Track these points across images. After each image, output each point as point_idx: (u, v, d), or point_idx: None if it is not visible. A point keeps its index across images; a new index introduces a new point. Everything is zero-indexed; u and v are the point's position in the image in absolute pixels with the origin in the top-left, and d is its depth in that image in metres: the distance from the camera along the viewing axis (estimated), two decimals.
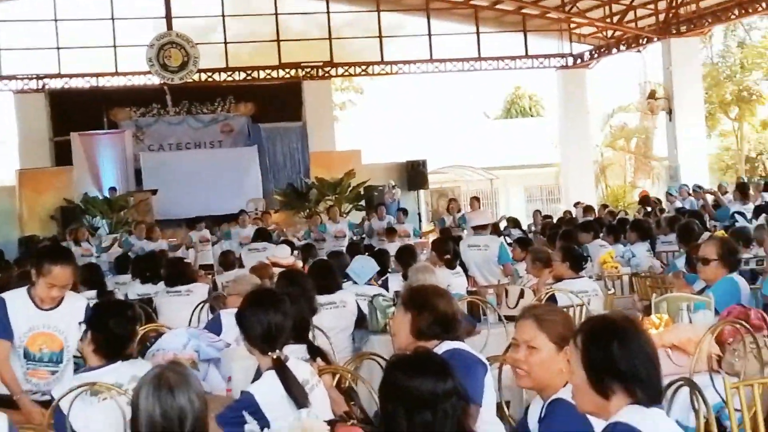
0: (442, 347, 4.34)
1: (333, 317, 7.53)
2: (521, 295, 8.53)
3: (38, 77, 25.18)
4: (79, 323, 5.45)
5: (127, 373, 4.58)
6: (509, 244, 12.30)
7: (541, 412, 3.65)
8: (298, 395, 4.13)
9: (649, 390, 2.94)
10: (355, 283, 8.66)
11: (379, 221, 19.85)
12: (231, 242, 18.36)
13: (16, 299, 5.52)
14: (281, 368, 4.24)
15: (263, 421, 4.02)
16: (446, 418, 2.98)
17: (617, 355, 2.95)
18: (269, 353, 4.33)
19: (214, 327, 6.34)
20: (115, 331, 4.64)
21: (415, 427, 2.97)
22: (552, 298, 8.10)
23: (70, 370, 5.67)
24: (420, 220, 25.97)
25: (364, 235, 19.63)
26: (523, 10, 27.70)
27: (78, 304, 5.66)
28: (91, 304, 5.76)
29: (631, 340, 2.98)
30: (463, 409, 3.03)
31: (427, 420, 2.97)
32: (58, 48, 25.12)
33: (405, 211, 20.63)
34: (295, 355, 4.77)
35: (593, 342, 3.01)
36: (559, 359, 3.59)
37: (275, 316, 4.41)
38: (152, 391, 3.01)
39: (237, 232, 18.52)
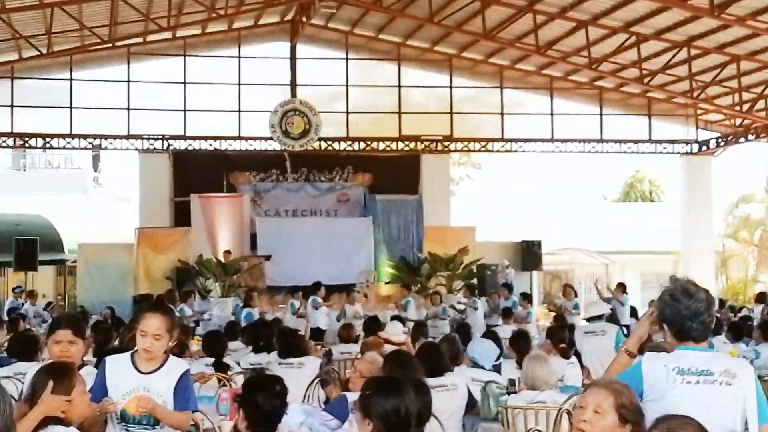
0: None
1: (443, 400, 7.26)
2: None
3: (164, 138, 25.71)
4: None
5: None
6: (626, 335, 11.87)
7: None
8: None
9: None
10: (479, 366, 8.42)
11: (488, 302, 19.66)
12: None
13: (118, 362, 5.60)
14: None
15: None
16: None
17: None
18: None
19: (341, 408, 6.16)
20: (264, 407, 4.67)
21: None
22: None
23: None
24: (531, 303, 25.50)
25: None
26: (649, 94, 27.26)
27: (177, 368, 5.59)
28: (189, 371, 5.68)
29: None
30: None
31: None
32: (185, 110, 25.68)
33: (526, 296, 20.31)
34: None
35: None
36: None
37: (402, 402, 4.27)
38: None
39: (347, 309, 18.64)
